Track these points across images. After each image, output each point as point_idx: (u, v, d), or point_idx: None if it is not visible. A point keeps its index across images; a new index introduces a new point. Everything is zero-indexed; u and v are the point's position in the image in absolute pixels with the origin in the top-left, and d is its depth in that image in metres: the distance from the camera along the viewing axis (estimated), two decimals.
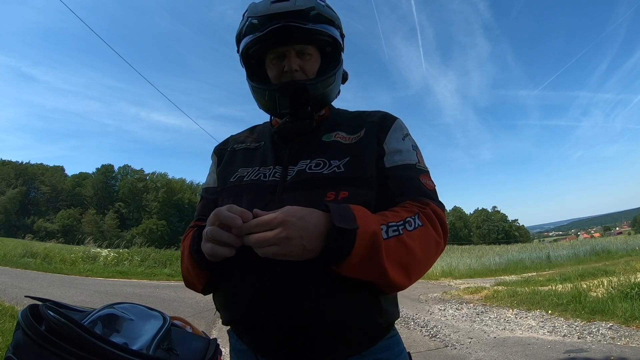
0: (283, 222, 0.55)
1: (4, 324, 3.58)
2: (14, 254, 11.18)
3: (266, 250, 0.56)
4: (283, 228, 0.55)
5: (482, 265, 14.29)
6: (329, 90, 0.83)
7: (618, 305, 4.64)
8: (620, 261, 11.31)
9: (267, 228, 0.55)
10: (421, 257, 0.64)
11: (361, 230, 0.57)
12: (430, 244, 0.66)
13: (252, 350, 0.73)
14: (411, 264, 0.63)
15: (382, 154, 0.77)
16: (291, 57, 0.79)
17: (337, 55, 0.85)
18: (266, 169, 0.79)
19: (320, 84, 0.80)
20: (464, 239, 61.85)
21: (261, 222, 0.56)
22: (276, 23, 0.75)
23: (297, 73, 0.79)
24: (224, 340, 0.84)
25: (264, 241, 0.55)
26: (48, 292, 6.14)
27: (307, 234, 0.56)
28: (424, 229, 0.65)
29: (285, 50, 0.79)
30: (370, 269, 0.59)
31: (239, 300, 0.71)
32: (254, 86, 0.84)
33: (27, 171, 53.59)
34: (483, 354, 3.62)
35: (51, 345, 0.61)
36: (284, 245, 0.55)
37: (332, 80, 0.82)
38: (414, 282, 0.66)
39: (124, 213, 54.09)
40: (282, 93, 0.78)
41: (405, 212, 0.66)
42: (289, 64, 0.79)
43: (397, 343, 0.76)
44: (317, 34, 0.79)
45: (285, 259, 0.56)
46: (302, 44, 0.80)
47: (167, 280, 9.49)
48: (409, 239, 0.62)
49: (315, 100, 0.81)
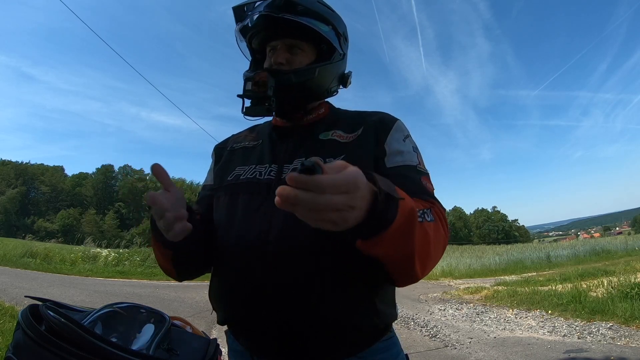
0: (357, 188, 0.45)
1: (4, 324, 3.58)
2: (14, 254, 11.17)
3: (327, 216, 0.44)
4: (354, 196, 0.45)
5: (482, 265, 14.29)
6: (309, 83, 0.81)
7: (618, 305, 4.64)
8: (620, 261, 11.32)
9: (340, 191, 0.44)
10: (433, 250, 0.62)
11: (403, 203, 0.52)
12: (440, 239, 0.65)
13: (248, 351, 0.73)
14: (427, 256, 0.60)
15: (383, 155, 0.77)
16: (279, 50, 0.81)
17: (328, 53, 0.84)
18: (262, 167, 0.79)
19: (294, 74, 0.78)
20: (464, 239, 61.83)
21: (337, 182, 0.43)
22: (258, 12, 0.78)
23: (282, 65, 0.79)
24: (223, 340, 0.84)
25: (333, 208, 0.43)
26: (48, 292, 6.14)
27: (364, 204, 0.47)
28: (436, 224, 0.64)
29: (276, 45, 0.81)
30: (401, 248, 0.55)
31: (233, 301, 0.71)
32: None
33: (27, 171, 53.62)
34: (483, 354, 3.62)
35: (51, 345, 0.61)
36: (346, 214, 0.45)
37: (311, 73, 0.80)
38: (425, 275, 0.63)
39: (124, 213, 54.11)
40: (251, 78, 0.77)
41: (420, 204, 0.64)
42: (275, 56, 0.80)
43: (394, 344, 0.76)
44: (302, 29, 0.79)
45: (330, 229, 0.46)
46: (290, 38, 0.81)
47: (167, 280, 9.47)
48: (429, 229, 0.61)
49: (288, 90, 0.78)
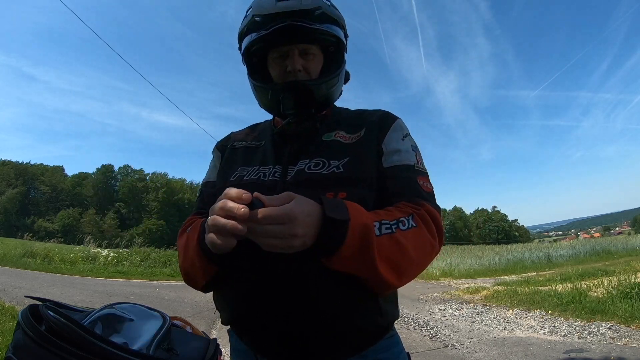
0: (293, 219, 0.53)
1: (4, 324, 3.57)
2: (14, 254, 11.16)
3: (269, 242, 0.53)
4: (292, 225, 0.53)
5: (482, 265, 14.28)
6: (332, 91, 0.82)
7: (618, 305, 4.64)
8: (620, 261, 11.32)
9: (275, 222, 0.53)
10: (414, 257, 0.63)
11: (353, 222, 0.57)
12: (424, 245, 0.65)
13: (252, 350, 0.73)
14: (403, 264, 0.62)
15: (381, 154, 0.77)
16: (294, 56, 0.78)
17: (340, 56, 0.84)
18: (266, 168, 0.78)
19: (324, 85, 0.79)
20: (464, 239, 61.78)
21: (272, 215, 0.53)
22: (281, 22, 0.73)
23: (300, 73, 0.78)
24: (224, 340, 0.84)
25: (271, 235, 0.53)
26: (48, 292, 6.13)
27: (309, 230, 0.55)
28: (418, 230, 0.64)
29: (288, 50, 0.78)
30: (361, 264, 0.59)
31: (238, 301, 0.71)
32: (256, 85, 0.83)
33: (27, 171, 53.57)
34: (483, 354, 3.62)
35: (51, 345, 0.61)
36: (288, 241, 0.53)
37: (335, 81, 0.81)
38: (406, 282, 0.65)
39: (124, 213, 54.07)
40: (286, 93, 0.77)
41: (399, 212, 0.65)
42: (292, 64, 0.78)
43: (396, 343, 0.76)
44: (321, 34, 0.78)
45: (281, 252, 0.55)
46: (306, 43, 0.79)
47: (167, 280, 9.49)
48: (403, 238, 0.61)
49: (319, 101, 0.80)
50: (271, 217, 0.52)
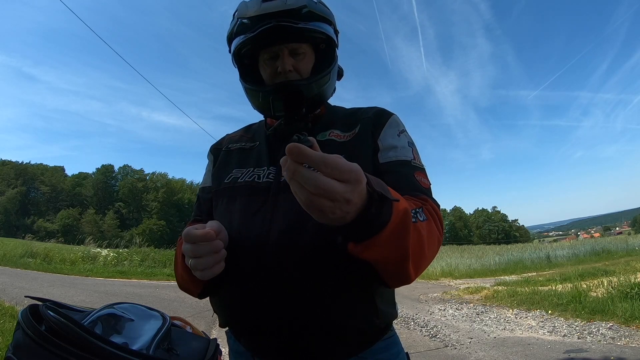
0: (359, 181, 0.44)
1: (4, 324, 3.58)
2: (14, 254, 11.17)
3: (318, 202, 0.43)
4: (353, 188, 0.44)
5: (482, 265, 14.30)
6: (324, 89, 0.81)
7: (618, 305, 4.64)
8: (620, 261, 11.33)
9: (340, 177, 0.43)
10: (427, 251, 0.61)
11: (397, 204, 0.51)
12: (433, 239, 0.64)
13: (250, 352, 0.73)
14: (420, 257, 0.59)
15: (377, 150, 0.76)
16: (284, 57, 0.77)
17: (331, 53, 0.83)
18: (260, 169, 0.78)
19: (315, 84, 0.78)
20: (464, 239, 61.79)
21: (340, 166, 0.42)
22: (267, 23, 0.73)
23: (291, 73, 0.77)
24: (224, 340, 0.84)
25: (326, 193, 0.42)
26: (48, 292, 6.14)
27: (359, 202, 0.46)
28: (429, 223, 0.62)
29: (278, 50, 0.77)
30: (393, 251, 0.53)
31: (234, 304, 0.71)
32: (247, 87, 0.82)
33: (27, 171, 53.57)
34: (483, 354, 3.62)
35: (51, 345, 0.61)
36: (340, 206, 0.43)
37: (327, 79, 0.80)
38: (417, 277, 0.62)
39: (124, 213, 54.05)
40: (276, 95, 0.76)
41: (413, 203, 0.62)
42: (282, 65, 0.77)
43: (395, 343, 0.76)
44: (310, 33, 0.77)
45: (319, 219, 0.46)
46: (295, 43, 0.78)
47: (167, 280, 9.48)
48: (422, 230, 0.59)
49: (311, 101, 0.79)
50: (338, 168, 0.42)
